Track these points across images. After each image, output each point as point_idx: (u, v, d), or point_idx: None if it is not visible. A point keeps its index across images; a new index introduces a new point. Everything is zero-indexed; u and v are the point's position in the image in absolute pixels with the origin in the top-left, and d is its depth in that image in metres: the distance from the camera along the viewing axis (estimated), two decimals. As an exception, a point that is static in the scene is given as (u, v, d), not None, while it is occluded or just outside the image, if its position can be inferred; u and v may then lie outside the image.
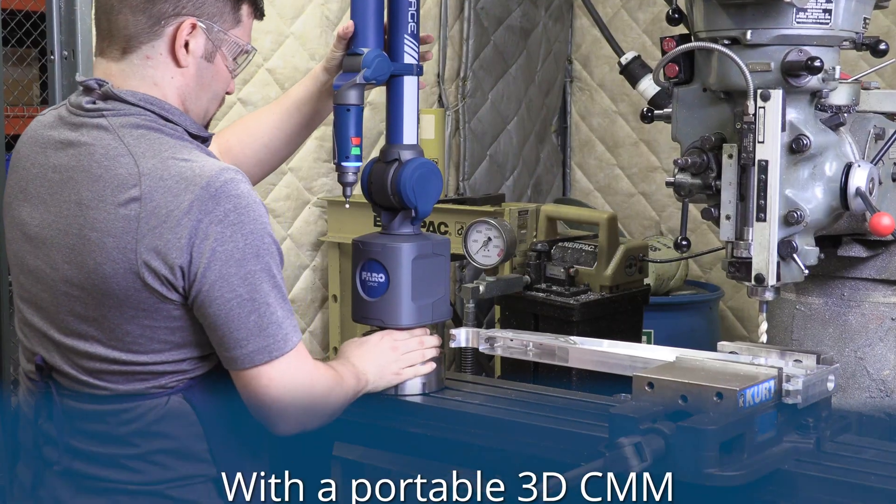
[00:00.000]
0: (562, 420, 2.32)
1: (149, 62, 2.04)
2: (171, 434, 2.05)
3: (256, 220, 1.97)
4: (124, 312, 1.97)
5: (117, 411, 2.04)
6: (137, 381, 2.03)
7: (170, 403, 2.04)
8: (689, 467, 1.89)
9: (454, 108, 4.50)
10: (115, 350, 2.01)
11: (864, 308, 2.48)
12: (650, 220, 4.97)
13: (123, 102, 2.02)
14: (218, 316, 1.96)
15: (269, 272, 1.98)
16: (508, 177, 4.79)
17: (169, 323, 1.99)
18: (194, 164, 1.96)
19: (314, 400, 2.08)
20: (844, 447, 2.14)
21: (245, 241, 1.95)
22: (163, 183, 1.93)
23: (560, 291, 3.38)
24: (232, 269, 1.94)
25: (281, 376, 2.01)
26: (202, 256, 1.93)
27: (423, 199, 2.40)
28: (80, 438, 2.07)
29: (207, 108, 2.14)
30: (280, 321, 2.00)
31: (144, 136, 1.99)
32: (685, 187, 2.25)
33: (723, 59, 2.18)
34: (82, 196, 1.98)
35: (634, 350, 2.31)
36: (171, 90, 2.06)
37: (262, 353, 1.98)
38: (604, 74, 5.03)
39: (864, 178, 2.22)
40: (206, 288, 1.94)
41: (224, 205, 1.93)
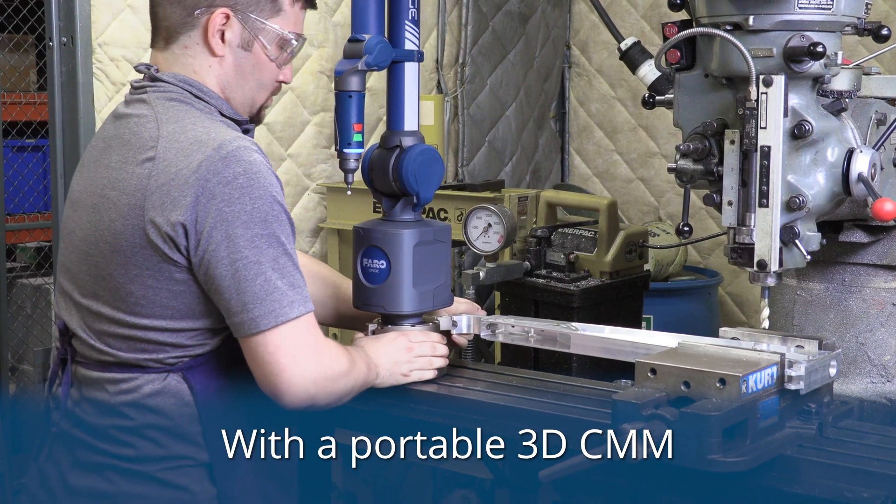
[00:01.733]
0: (564, 406, 2.32)
1: (187, 52, 2.13)
2: (166, 411, 2.07)
3: (266, 186, 1.99)
4: (129, 271, 2.02)
5: (116, 380, 2.08)
6: (139, 350, 2.06)
7: (167, 380, 2.07)
8: (692, 453, 1.89)
9: (453, 94, 4.49)
10: (119, 311, 2.05)
11: (866, 293, 2.48)
12: (649, 206, 4.96)
13: (165, 82, 2.12)
14: (223, 277, 1.98)
15: (278, 239, 1.99)
16: (507, 163, 4.79)
17: (171, 286, 2.02)
18: (211, 129, 2.02)
19: (323, 374, 2.06)
20: (846, 433, 2.14)
21: (253, 204, 1.97)
22: (177, 144, 2.00)
23: (560, 277, 3.37)
24: (238, 231, 1.96)
25: (288, 343, 2.01)
26: (208, 216, 1.95)
27: (425, 185, 2.39)
28: (83, 406, 2.12)
29: (254, 98, 2.19)
30: (287, 287, 2.00)
31: (174, 106, 2.07)
32: (687, 173, 2.25)
33: (725, 45, 2.18)
34: (112, 160, 2.07)
35: (636, 336, 2.31)
36: (211, 79, 2.13)
37: (267, 317, 1.98)
38: (602, 60, 5.02)
39: (867, 164, 2.22)
40: (213, 248, 1.96)
41: (234, 167, 1.97)
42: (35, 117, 5.52)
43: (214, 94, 2.13)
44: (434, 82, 4.47)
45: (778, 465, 2.01)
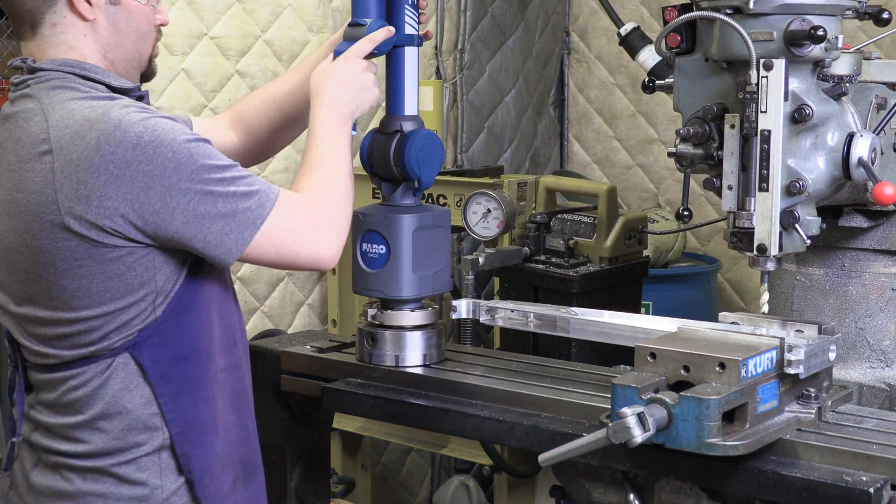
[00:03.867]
0: (563, 391, 2.33)
1: (57, 29, 2.04)
2: (114, 398, 2.02)
3: (171, 129, 1.94)
4: (57, 267, 1.96)
5: (65, 378, 2.03)
6: (84, 344, 2.00)
7: (113, 365, 2.02)
8: (692, 437, 1.89)
9: (452, 80, 4.49)
10: (57, 310, 1.99)
11: (865, 278, 2.48)
12: (648, 193, 4.96)
13: (44, 71, 2.03)
14: (186, 224, 1.94)
15: (210, 163, 1.95)
16: (506, 149, 4.78)
17: (104, 268, 1.96)
18: (98, 105, 1.95)
19: (331, 220, 2.08)
20: (845, 417, 2.15)
21: (171, 149, 1.92)
22: (69, 130, 1.93)
23: (559, 263, 3.37)
24: (174, 178, 1.92)
25: (287, 230, 2.01)
26: (135, 182, 1.90)
27: (427, 170, 2.39)
28: (39, 409, 2.08)
29: (139, 52, 2.12)
30: (244, 195, 1.97)
31: (58, 93, 1.99)
32: (687, 157, 2.24)
33: (725, 29, 2.17)
34: (10, 162, 2.00)
35: (636, 321, 2.31)
36: (90, 48, 2.05)
37: (247, 227, 1.97)
38: (601, 46, 5.01)
39: (867, 148, 2.22)
40: (159, 207, 1.92)
41: (133, 129, 1.91)
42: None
43: (98, 67, 2.06)
44: (433, 68, 4.46)
45: (777, 449, 2.02)
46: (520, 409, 2.30)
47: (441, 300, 3.61)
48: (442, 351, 2.53)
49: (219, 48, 3.68)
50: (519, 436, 2.25)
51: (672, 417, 1.90)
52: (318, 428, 2.72)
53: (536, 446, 2.18)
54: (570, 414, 2.24)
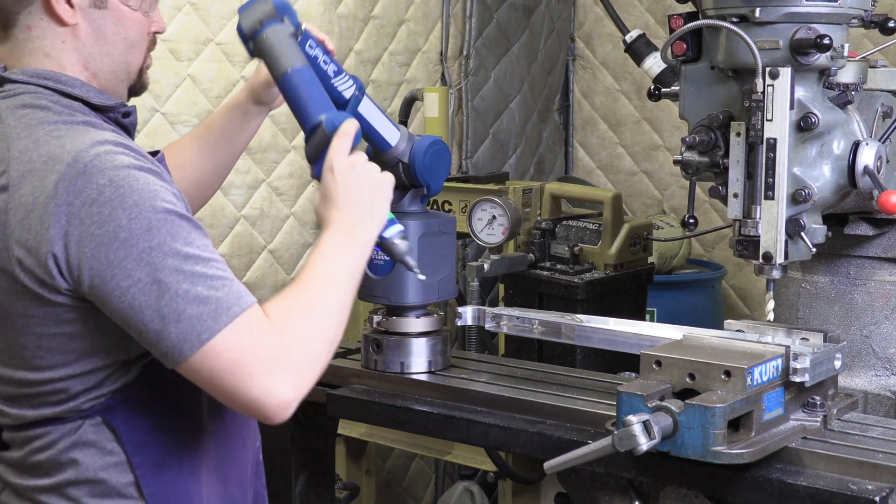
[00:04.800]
0: (568, 398, 2.33)
1: (32, 32, 1.77)
2: (85, 464, 1.76)
3: (141, 190, 1.63)
4: (14, 323, 1.71)
5: (30, 438, 1.78)
6: (49, 404, 1.75)
7: (83, 428, 1.76)
8: (697, 445, 1.89)
9: (457, 86, 4.49)
10: (18, 369, 1.75)
11: (870, 286, 2.48)
12: (653, 199, 4.96)
13: (15, 83, 1.77)
14: (123, 310, 1.63)
15: (170, 246, 1.63)
16: (511, 155, 4.78)
17: (62, 329, 1.70)
18: (66, 140, 1.67)
19: (296, 363, 1.67)
20: (851, 425, 2.15)
21: (129, 216, 1.62)
22: (30, 166, 1.66)
23: (564, 269, 3.37)
24: (121, 253, 1.61)
25: (235, 356, 1.63)
26: (81, 245, 1.62)
27: (436, 177, 2.40)
28: (4, 468, 1.85)
29: (127, 62, 1.85)
30: (202, 296, 1.63)
31: (27, 115, 1.72)
32: (692, 165, 2.25)
33: (731, 37, 2.18)
34: None
35: (641, 328, 2.31)
36: (68, 56, 1.79)
37: (189, 339, 1.62)
38: (606, 53, 5.02)
39: (872, 157, 2.22)
40: (98, 282, 1.63)
41: (96, 180, 1.62)
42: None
43: (76, 81, 1.78)
44: (438, 74, 4.46)
45: (782, 457, 2.02)
46: (525, 416, 2.30)
47: (446, 307, 3.61)
48: (447, 357, 2.53)
49: (224, 54, 3.69)
50: (524, 443, 2.25)
51: (677, 425, 1.90)
52: (322, 434, 2.72)
53: (541, 453, 2.17)
54: (575, 421, 2.24)
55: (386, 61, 4.24)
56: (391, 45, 4.25)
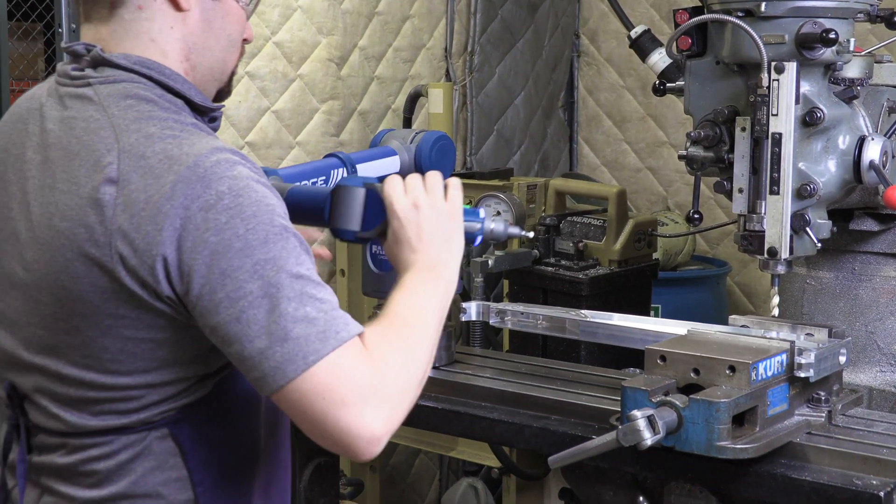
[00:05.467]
0: (573, 393, 2.33)
1: (142, 14, 1.70)
2: (145, 477, 1.67)
3: (259, 202, 1.58)
4: (99, 322, 1.61)
5: (86, 446, 1.67)
6: (116, 413, 1.66)
7: (148, 440, 1.67)
8: (702, 440, 1.89)
9: (461, 82, 4.49)
10: (90, 371, 1.64)
11: (875, 282, 2.48)
12: (657, 196, 4.95)
13: (115, 68, 1.68)
14: (228, 323, 1.55)
15: (284, 262, 1.57)
16: (515, 152, 4.78)
17: (153, 334, 1.62)
18: (183, 141, 1.61)
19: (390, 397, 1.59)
20: (856, 420, 2.14)
21: (246, 226, 1.56)
22: (144, 162, 1.58)
23: (569, 266, 3.37)
24: (235, 262, 1.54)
25: (333, 383, 1.55)
26: (195, 253, 1.55)
27: (442, 172, 2.39)
28: (46, 476, 1.73)
29: (224, 60, 1.80)
30: (311, 317, 1.56)
31: (133, 106, 1.65)
32: (698, 160, 2.25)
33: (736, 32, 2.17)
34: (56, 178, 1.64)
35: (646, 324, 2.31)
36: (173, 45, 1.72)
37: (293, 361, 1.54)
38: (611, 49, 5.01)
39: (878, 152, 2.22)
40: (207, 290, 1.55)
41: (216, 186, 1.56)
42: (43, 105, 5.52)
43: (179, 76, 1.71)
44: (443, 70, 4.46)
45: (787, 452, 2.01)
46: (529, 411, 2.30)
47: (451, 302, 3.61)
48: (451, 353, 2.53)
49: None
50: (528, 438, 2.25)
51: (682, 420, 1.90)
52: (327, 429, 2.72)
53: (546, 449, 2.17)
54: (579, 416, 2.24)
55: (390, 57, 4.24)
56: (395, 41, 4.25)
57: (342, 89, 4.01)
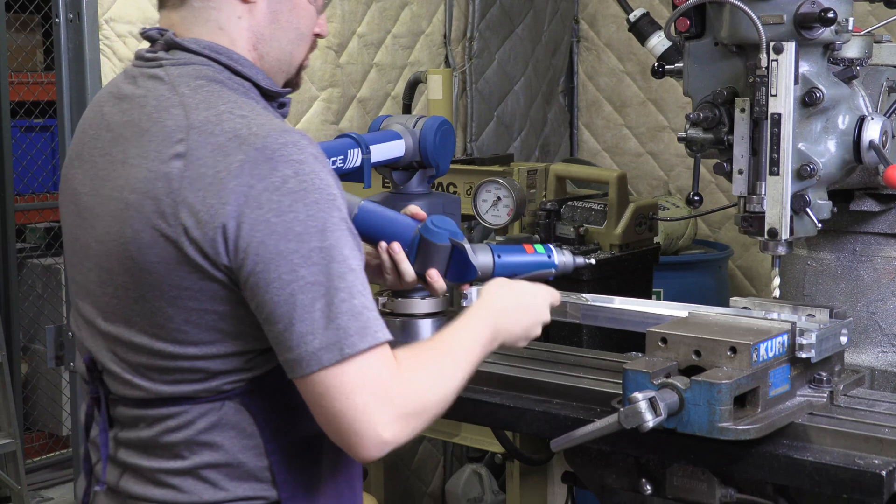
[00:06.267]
0: (575, 377, 2.33)
1: (211, 3, 1.77)
2: (225, 446, 1.72)
3: (322, 189, 1.63)
4: (165, 292, 1.66)
5: (162, 416, 1.73)
6: (187, 381, 1.71)
7: (224, 409, 1.72)
8: (703, 422, 1.89)
9: (461, 68, 4.48)
10: (158, 340, 1.70)
11: (877, 263, 2.48)
12: (658, 180, 4.95)
13: (186, 51, 1.76)
14: (275, 303, 1.60)
15: (339, 252, 1.62)
16: (516, 137, 4.78)
17: (216, 306, 1.66)
18: (252, 121, 1.66)
19: (406, 410, 1.65)
20: (857, 401, 2.14)
21: (308, 212, 1.61)
22: (213, 139, 1.64)
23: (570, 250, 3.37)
24: (292, 245, 1.60)
25: (358, 382, 1.61)
26: (254, 229, 1.60)
27: (444, 157, 2.40)
28: (125, 450, 1.78)
29: (292, 53, 1.85)
30: (354, 312, 1.61)
31: (202, 87, 1.71)
32: (697, 142, 2.24)
33: (735, 12, 2.17)
34: (128, 153, 1.71)
35: (647, 307, 2.31)
36: (240, 34, 1.78)
37: (330, 349, 1.60)
38: (611, 34, 5.00)
39: (878, 131, 2.21)
40: (261, 268, 1.60)
41: (282, 169, 1.61)
42: (42, 97, 5.52)
43: (247, 61, 1.78)
44: (442, 57, 4.45)
45: (789, 433, 2.01)
46: (531, 395, 2.30)
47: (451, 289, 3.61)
48: (453, 338, 2.53)
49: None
50: (531, 422, 2.25)
51: (683, 402, 1.90)
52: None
53: (548, 433, 2.17)
54: (581, 400, 2.24)
55: (389, 44, 4.23)
56: (394, 27, 4.24)
57: (341, 77, 4.01)
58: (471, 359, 1.80)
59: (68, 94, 3.17)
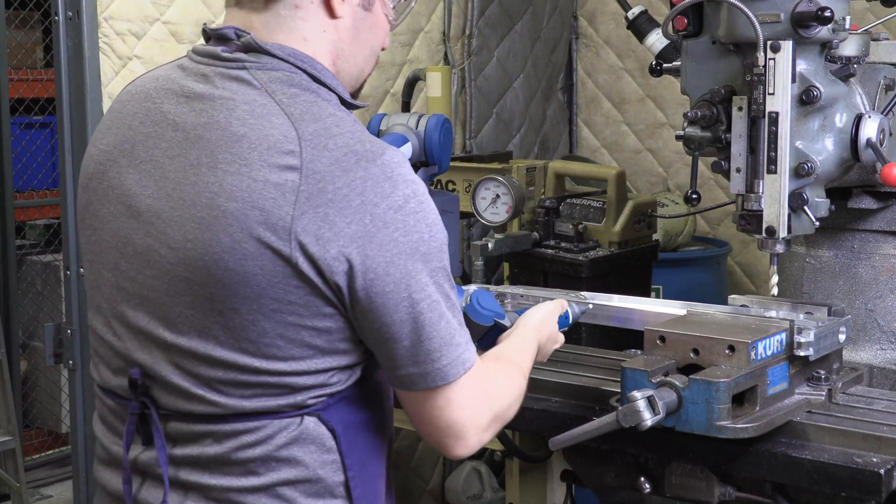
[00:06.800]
0: (573, 375, 2.33)
1: (298, 13, 1.72)
2: (304, 462, 1.68)
3: (434, 211, 1.66)
4: (263, 305, 1.61)
5: (238, 432, 1.66)
6: (268, 395, 1.65)
7: (304, 423, 1.67)
8: (702, 420, 1.89)
9: (460, 65, 4.48)
10: (244, 354, 1.63)
11: (875, 260, 2.48)
12: (657, 177, 4.95)
13: (270, 56, 1.70)
14: (403, 321, 1.63)
15: (448, 272, 1.68)
16: (515, 134, 4.78)
17: (316, 322, 1.63)
18: (361, 136, 1.65)
19: (498, 415, 1.77)
20: (856, 399, 2.15)
21: (430, 232, 1.63)
22: (327, 153, 1.60)
23: (569, 248, 3.37)
24: (419, 265, 1.62)
25: (470, 394, 1.69)
26: (381, 249, 1.59)
27: (447, 155, 2.41)
28: (187, 469, 1.69)
29: (363, 68, 1.84)
30: (461, 327, 1.70)
31: (298, 95, 1.67)
32: (695, 140, 2.24)
33: (732, 11, 2.17)
34: (217, 158, 1.62)
35: (645, 304, 2.31)
36: (323, 47, 1.75)
37: (455, 366, 1.67)
38: (609, 31, 5.00)
39: (875, 129, 2.21)
40: (390, 289, 1.61)
41: (402, 189, 1.62)
42: (42, 94, 5.52)
43: (329, 73, 1.74)
44: (441, 54, 4.45)
45: (787, 431, 2.02)
46: (530, 393, 2.28)
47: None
48: (452, 336, 2.53)
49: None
50: (529, 420, 2.25)
51: (682, 400, 1.90)
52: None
53: (547, 431, 2.18)
54: (580, 398, 2.25)
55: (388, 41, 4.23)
56: (393, 25, 4.24)
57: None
58: (527, 371, 1.93)
59: (67, 92, 3.17)
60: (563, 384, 2.29)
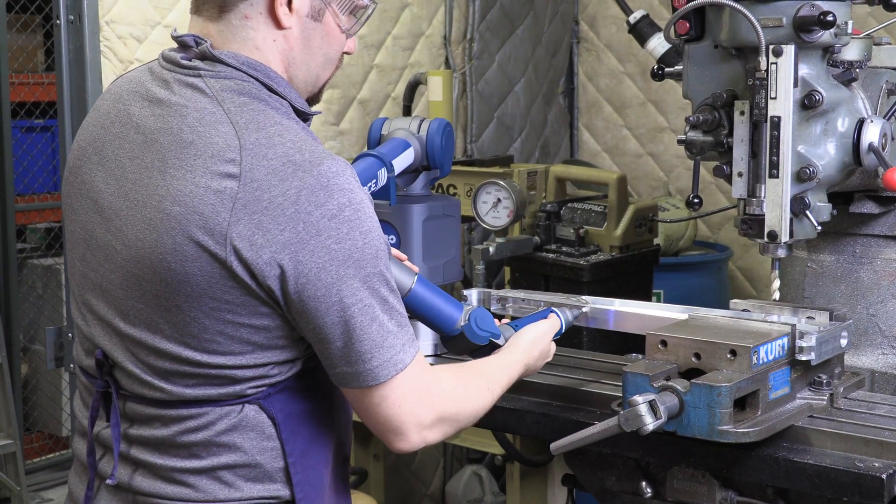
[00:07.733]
0: (574, 379, 2.33)
1: (248, 22, 1.79)
2: (243, 447, 1.77)
3: (371, 218, 1.72)
4: (203, 304, 1.70)
5: (182, 417, 1.76)
6: (210, 385, 1.75)
7: (244, 412, 1.77)
8: (703, 424, 1.89)
9: (461, 70, 4.48)
10: (187, 348, 1.73)
11: (876, 265, 2.48)
12: (658, 181, 4.95)
13: (224, 65, 1.77)
14: (334, 324, 1.70)
15: (385, 277, 1.74)
16: (516, 139, 4.78)
17: (254, 321, 1.72)
18: (302, 146, 1.70)
19: (441, 416, 1.82)
20: (858, 403, 2.15)
21: (364, 239, 1.70)
22: (266, 163, 1.67)
23: (570, 252, 3.37)
24: (351, 271, 1.69)
25: (406, 391, 1.76)
26: (313, 256, 1.66)
27: (448, 159, 2.41)
28: (138, 447, 1.81)
29: (318, 75, 1.88)
30: (397, 329, 1.75)
31: (247, 104, 1.73)
32: (697, 145, 2.24)
33: (734, 15, 2.17)
34: (167, 163, 1.71)
35: (647, 309, 2.31)
36: (274, 55, 1.81)
37: (386, 366, 1.73)
38: (610, 35, 5.00)
39: (877, 134, 2.21)
40: (321, 293, 1.68)
41: (337, 198, 1.68)
42: (43, 97, 5.51)
43: (283, 80, 1.81)
44: (442, 58, 4.45)
45: (789, 435, 2.01)
46: (531, 397, 2.30)
47: (452, 290, 3.61)
48: (453, 340, 2.53)
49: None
50: (530, 424, 2.25)
51: (683, 405, 1.90)
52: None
53: (548, 435, 2.18)
54: (581, 402, 2.25)
55: (389, 45, 4.23)
56: (394, 29, 4.25)
57: (341, 78, 4.01)
58: (498, 385, 1.98)
59: (69, 95, 3.18)
60: (564, 388, 2.29)
